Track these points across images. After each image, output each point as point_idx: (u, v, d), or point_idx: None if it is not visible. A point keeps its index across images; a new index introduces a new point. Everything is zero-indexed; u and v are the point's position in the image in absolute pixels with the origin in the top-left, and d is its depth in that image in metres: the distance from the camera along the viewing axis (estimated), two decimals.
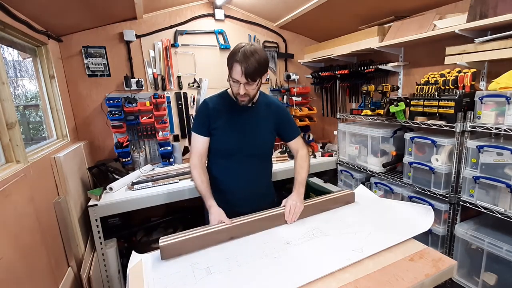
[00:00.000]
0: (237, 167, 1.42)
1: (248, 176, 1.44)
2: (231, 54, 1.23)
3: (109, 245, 2.00)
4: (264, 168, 1.54)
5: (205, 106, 1.39)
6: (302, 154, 1.50)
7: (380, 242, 1.12)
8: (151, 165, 2.55)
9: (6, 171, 1.21)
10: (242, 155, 1.40)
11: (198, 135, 1.40)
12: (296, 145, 1.53)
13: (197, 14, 2.68)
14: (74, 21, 2.14)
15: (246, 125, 1.39)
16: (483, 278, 1.54)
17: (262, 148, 1.46)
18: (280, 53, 3.07)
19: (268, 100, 1.47)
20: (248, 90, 1.27)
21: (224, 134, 1.38)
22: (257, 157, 1.45)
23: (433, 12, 1.94)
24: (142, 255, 1.15)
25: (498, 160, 1.44)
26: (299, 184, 1.43)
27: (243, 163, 1.42)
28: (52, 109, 2.06)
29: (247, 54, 1.19)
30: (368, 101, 2.29)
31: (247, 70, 1.19)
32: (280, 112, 1.47)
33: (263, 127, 1.43)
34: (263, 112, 1.42)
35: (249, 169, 1.44)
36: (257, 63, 1.20)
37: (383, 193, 2.17)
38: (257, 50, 1.22)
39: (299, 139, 1.54)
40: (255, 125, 1.41)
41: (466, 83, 1.62)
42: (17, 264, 1.14)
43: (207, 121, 1.37)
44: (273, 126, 1.46)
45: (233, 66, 1.21)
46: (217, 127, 1.37)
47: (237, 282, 0.95)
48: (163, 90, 2.65)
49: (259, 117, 1.41)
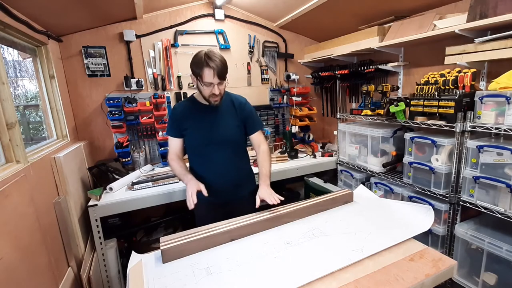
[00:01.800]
0: (210, 160, 1.56)
1: (222, 166, 1.57)
2: (196, 63, 1.37)
3: (109, 245, 2.00)
4: (238, 158, 1.63)
5: (174, 111, 1.58)
6: (264, 149, 1.61)
7: (380, 242, 1.12)
8: (151, 165, 2.55)
9: (6, 171, 1.21)
10: (212, 148, 1.54)
11: (171, 137, 1.58)
12: (258, 140, 1.63)
13: (197, 14, 2.68)
14: (74, 21, 2.14)
15: (213, 121, 1.53)
16: (483, 278, 1.54)
17: (229, 138, 1.57)
18: (280, 53, 3.07)
19: (231, 97, 1.59)
20: (220, 89, 1.42)
21: (194, 132, 1.54)
22: (226, 147, 1.56)
23: (433, 12, 1.94)
24: (142, 255, 1.15)
25: (498, 160, 1.44)
26: (264, 177, 1.53)
27: (215, 155, 1.55)
28: (52, 109, 2.06)
29: (211, 57, 1.34)
30: (368, 101, 2.29)
31: (217, 71, 1.35)
32: (242, 107, 1.59)
33: (227, 120, 1.55)
34: (226, 108, 1.56)
35: (222, 159, 1.56)
36: (222, 63, 1.37)
37: (383, 193, 2.17)
38: (214, 52, 1.38)
39: (260, 134, 1.64)
40: (220, 119, 1.54)
41: (466, 83, 1.62)
42: (17, 264, 1.14)
43: (177, 124, 1.55)
44: (238, 119, 1.57)
45: (203, 71, 1.35)
46: (187, 127, 1.53)
47: (237, 282, 0.95)
48: (163, 90, 2.65)
49: (223, 113, 1.55)
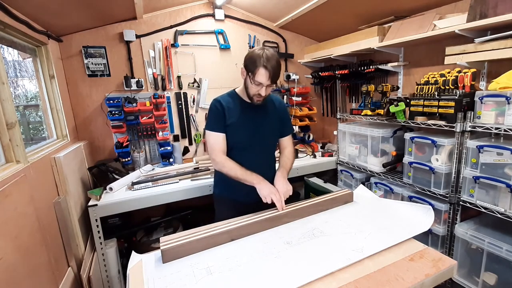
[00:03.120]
0: (249, 160, 1.47)
1: (259, 168, 1.47)
2: (254, 60, 1.31)
3: (109, 245, 2.00)
4: (271, 161, 1.63)
5: (218, 105, 1.45)
6: (290, 150, 1.60)
7: (380, 242, 1.12)
8: (151, 165, 2.55)
9: (6, 171, 1.21)
10: (253, 149, 1.49)
11: (217, 132, 1.44)
12: (287, 142, 1.62)
13: (197, 14, 2.68)
14: (74, 21, 2.14)
15: (256, 121, 1.48)
16: (483, 278, 1.54)
17: (271, 142, 1.58)
18: (280, 53, 3.07)
19: (271, 96, 1.55)
20: (267, 92, 1.38)
21: (237, 130, 1.45)
22: (266, 150, 1.56)
23: (433, 12, 1.94)
24: (142, 255, 1.15)
25: (498, 160, 1.44)
26: (283, 169, 1.51)
27: (254, 156, 1.49)
28: (52, 109, 2.06)
29: (270, 58, 1.29)
30: (368, 101, 2.29)
31: (272, 74, 1.30)
32: (282, 108, 1.58)
33: (271, 122, 1.52)
34: (269, 108, 1.52)
35: (260, 161, 1.52)
36: (278, 66, 1.33)
37: (383, 193, 2.17)
38: (273, 53, 1.33)
39: (291, 137, 1.63)
40: (264, 120, 1.50)
41: (466, 83, 1.62)
42: (17, 264, 1.14)
43: (222, 118, 1.44)
44: (278, 120, 1.55)
45: (258, 70, 1.30)
46: (230, 124, 1.44)
47: (237, 282, 0.95)
48: (163, 90, 2.65)
49: (266, 113, 1.51)
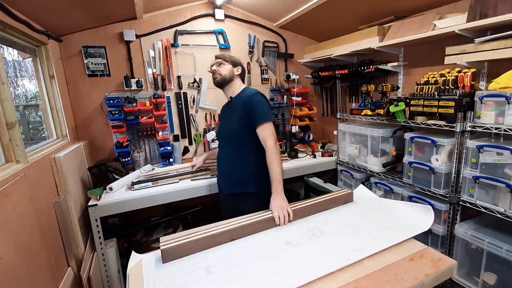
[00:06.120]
0: (220, 156, 1.77)
1: (223, 158, 1.73)
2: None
3: (109, 245, 1.99)
4: (239, 155, 1.63)
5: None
6: (269, 146, 1.46)
7: (380, 242, 1.12)
8: (151, 165, 2.55)
9: (6, 171, 1.21)
10: (223, 144, 1.76)
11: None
12: (262, 135, 1.50)
13: (197, 14, 2.68)
14: (74, 21, 2.14)
15: (225, 116, 1.75)
16: (483, 278, 1.54)
17: (231, 133, 1.65)
18: (280, 53, 3.07)
19: (245, 93, 1.64)
20: (216, 67, 1.67)
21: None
22: (228, 141, 1.69)
23: (433, 12, 1.94)
24: (142, 255, 1.15)
25: (498, 160, 1.44)
26: (275, 183, 1.42)
27: (222, 152, 1.75)
28: (52, 109, 2.06)
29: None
30: (368, 101, 2.29)
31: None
32: (247, 101, 1.57)
33: (234, 116, 1.62)
34: (236, 104, 1.64)
35: (224, 152, 1.74)
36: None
37: (383, 193, 2.17)
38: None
39: (265, 128, 1.49)
40: (229, 115, 1.67)
41: (466, 83, 1.62)
42: (17, 264, 1.14)
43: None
44: (241, 114, 1.57)
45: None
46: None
47: (237, 282, 0.95)
48: (163, 90, 2.65)
49: (234, 108, 1.64)
